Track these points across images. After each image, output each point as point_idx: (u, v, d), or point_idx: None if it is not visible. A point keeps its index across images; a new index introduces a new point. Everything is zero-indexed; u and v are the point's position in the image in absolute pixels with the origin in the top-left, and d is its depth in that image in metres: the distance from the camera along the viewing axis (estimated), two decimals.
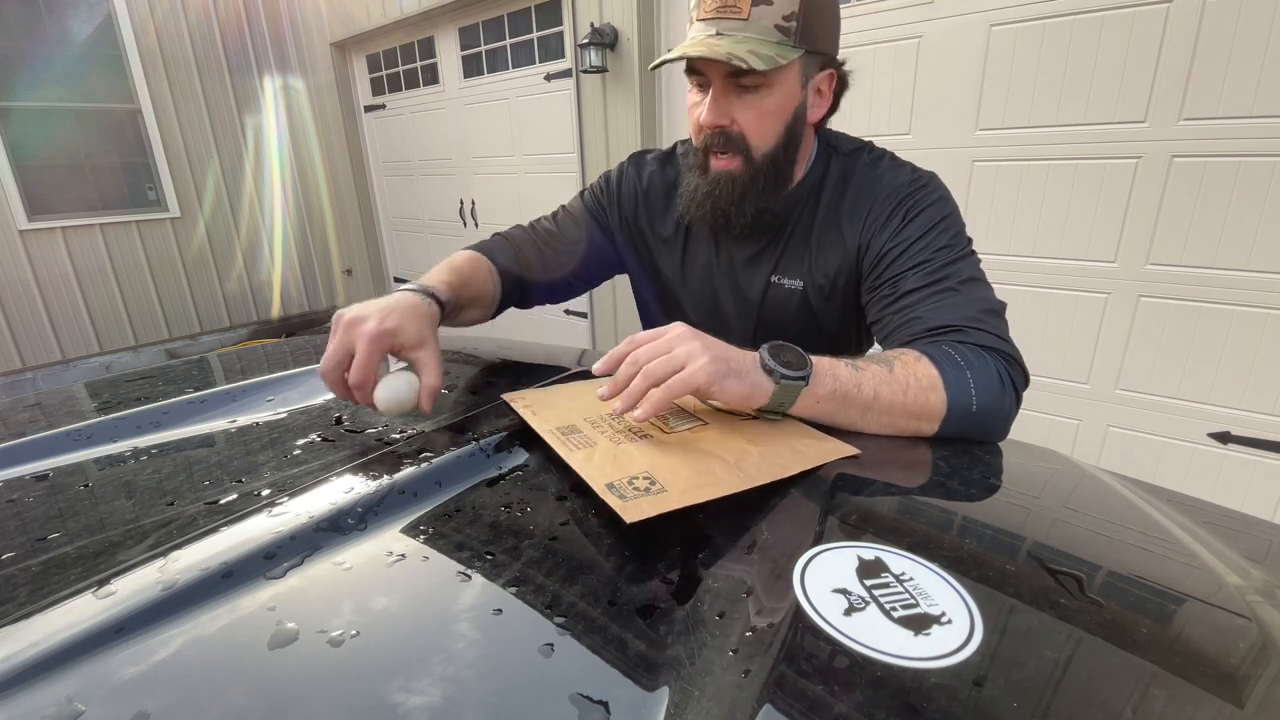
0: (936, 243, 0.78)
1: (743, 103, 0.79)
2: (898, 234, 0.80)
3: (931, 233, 0.79)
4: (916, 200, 0.81)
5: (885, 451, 0.63)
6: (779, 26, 0.74)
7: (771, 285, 0.92)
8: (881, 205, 0.82)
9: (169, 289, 4.75)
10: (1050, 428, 2.21)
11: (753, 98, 0.78)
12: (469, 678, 0.33)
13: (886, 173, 0.85)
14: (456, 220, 4.39)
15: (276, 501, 0.49)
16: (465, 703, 0.32)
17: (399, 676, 0.33)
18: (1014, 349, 0.72)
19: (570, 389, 0.73)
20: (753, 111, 0.79)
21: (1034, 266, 2.11)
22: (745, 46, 0.73)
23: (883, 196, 0.83)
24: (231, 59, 4.78)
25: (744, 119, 0.79)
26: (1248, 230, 1.75)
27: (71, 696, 0.32)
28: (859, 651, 0.34)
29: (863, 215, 0.84)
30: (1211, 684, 0.34)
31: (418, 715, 0.31)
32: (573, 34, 3.15)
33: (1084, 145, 1.94)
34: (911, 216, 0.80)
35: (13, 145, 3.95)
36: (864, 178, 0.86)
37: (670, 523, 0.47)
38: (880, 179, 0.84)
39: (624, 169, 1.03)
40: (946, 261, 0.77)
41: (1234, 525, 0.57)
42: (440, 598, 0.40)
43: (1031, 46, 1.97)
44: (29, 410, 0.81)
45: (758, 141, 0.81)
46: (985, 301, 0.75)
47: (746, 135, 0.80)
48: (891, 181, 0.83)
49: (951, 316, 0.72)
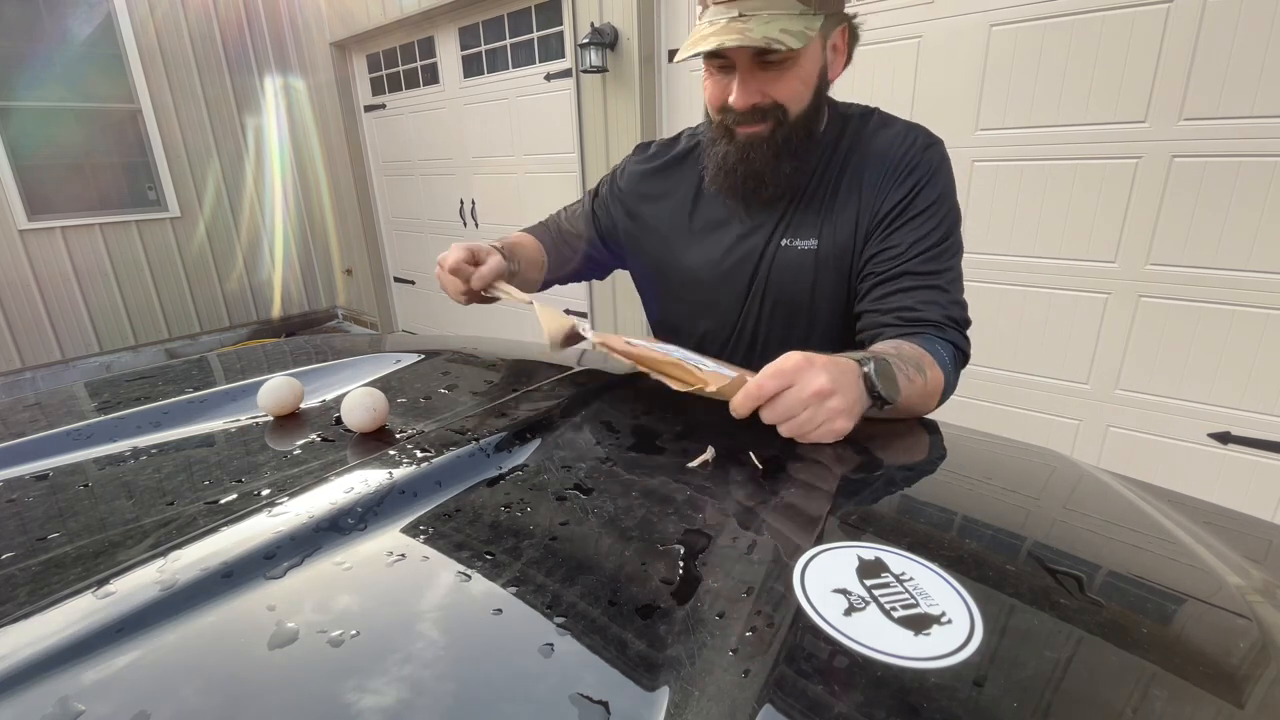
0: (936, 217, 0.84)
1: (769, 77, 0.80)
2: (910, 199, 0.84)
3: (936, 205, 0.84)
4: (929, 167, 0.85)
5: (885, 451, 0.63)
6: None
7: (781, 249, 0.92)
8: (898, 165, 0.85)
9: (169, 289, 4.75)
10: (1050, 428, 2.21)
11: (778, 71, 0.79)
12: (469, 678, 0.33)
13: (901, 133, 0.87)
14: (456, 220, 4.39)
15: (276, 501, 0.49)
16: (465, 703, 0.32)
17: (399, 677, 0.33)
18: (969, 346, 0.85)
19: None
20: (781, 83, 0.80)
21: (1034, 266, 2.11)
22: (776, 26, 0.72)
23: (899, 156, 0.85)
24: (231, 59, 4.78)
25: (774, 90, 0.81)
26: (1248, 230, 1.75)
27: (71, 696, 0.32)
28: (859, 651, 0.34)
29: (879, 173, 0.86)
30: (1211, 684, 0.34)
31: (418, 715, 0.31)
32: (573, 34, 3.15)
33: (1084, 145, 1.94)
34: (923, 184, 0.84)
35: (13, 145, 3.95)
36: (878, 137, 0.88)
37: (670, 523, 0.47)
38: (895, 139, 0.87)
39: (626, 161, 1.08)
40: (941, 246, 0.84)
41: (1234, 525, 0.57)
42: (440, 598, 0.40)
43: (1031, 46, 1.96)
44: (29, 410, 0.81)
45: (792, 106, 0.82)
46: (959, 306, 0.85)
47: (781, 102, 0.82)
48: (906, 141, 0.86)
49: (934, 313, 0.81)
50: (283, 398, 0.72)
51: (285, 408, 0.72)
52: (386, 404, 0.66)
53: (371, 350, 1.02)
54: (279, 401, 0.71)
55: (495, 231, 4.16)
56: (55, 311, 4.27)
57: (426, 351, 0.98)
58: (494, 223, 4.17)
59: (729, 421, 0.61)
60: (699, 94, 0.93)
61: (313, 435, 0.66)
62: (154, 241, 4.62)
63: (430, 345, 1.03)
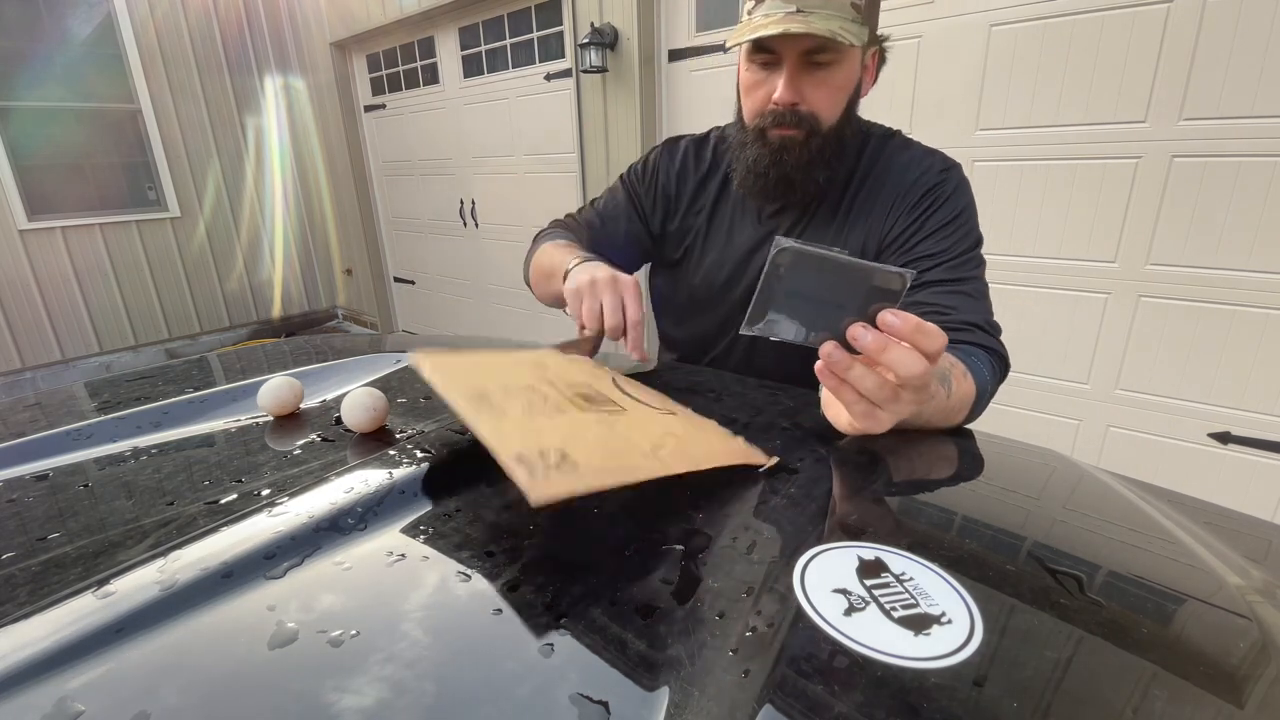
0: (954, 236, 0.83)
1: (814, 79, 0.80)
2: (922, 222, 0.84)
3: (952, 225, 0.83)
4: (942, 192, 0.84)
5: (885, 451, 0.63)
6: (854, 4, 0.76)
7: None
8: (910, 191, 0.85)
9: (169, 289, 4.75)
10: (1050, 428, 2.21)
11: (824, 74, 0.80)
12: (469, 678, 0.33)
13: (917, 158, 0.88)
14: (456, 220, 4.39)
15: (276, 501, 0.49)
16: (466, 703, 0.32)
17: (399, 677, 0.33)
18: (1005, 350, 0.82)
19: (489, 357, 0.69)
20: (824, 88, 0.81)
21: (1034, 266, 2.11)
22: (835, 23, 0.74)
23: (911, 181, 0.86)
24: (231, 58, 4.78)
25: (814, 96, 0.81)
26: (1248, 230, 1.75)
27: (71, 696, 0.32)
28: (859, 651, 0.34)
29: (891, 198, 0.87)
30: (1211, 684, 0.34)
31: (417, 715, 0.31)
32: (573, 34, 3.15)
33: (1084, 145, 1.94)
34: (936, 206, 0.84)
35: (13, 145, 3.95)
36: (895, 160, 0.89)
37: (670, 523, 0.47)
38: (910, 164, 0.87)
39: (659, 154, 1.05)
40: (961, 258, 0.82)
41: (1234, 525, 0.57)
42: (440, 598, 0.40)
43: (1031, 46, 1.96)
44: (29, 410, 0.81)
45: (827, 116, 0.83)
46: (988, 311, 0.83)
47: (816, 112, 0.82)
48: (920, 166, 0.87)
49: (971, 314, 0.79)
50: (283, 398, 0.72)
51: (285, 408, 0.72)
52: (386, 404, 0.66)
53: (371, 350, 1.02)
54: (279, 401, 0.72)
55: (495, 231, 4.16)
56: (55, 311, 4.27)
57: None
58: (494, 222, 4.16)
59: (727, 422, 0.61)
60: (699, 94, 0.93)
61: (313, 435, 0.66)
62: (154, 241, 4.62)
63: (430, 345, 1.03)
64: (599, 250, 1.02)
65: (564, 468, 0.43)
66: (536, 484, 0.40)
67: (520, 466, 0.42)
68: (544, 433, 0.48)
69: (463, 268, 4.54)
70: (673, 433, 0.54)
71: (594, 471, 0.43)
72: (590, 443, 0.48)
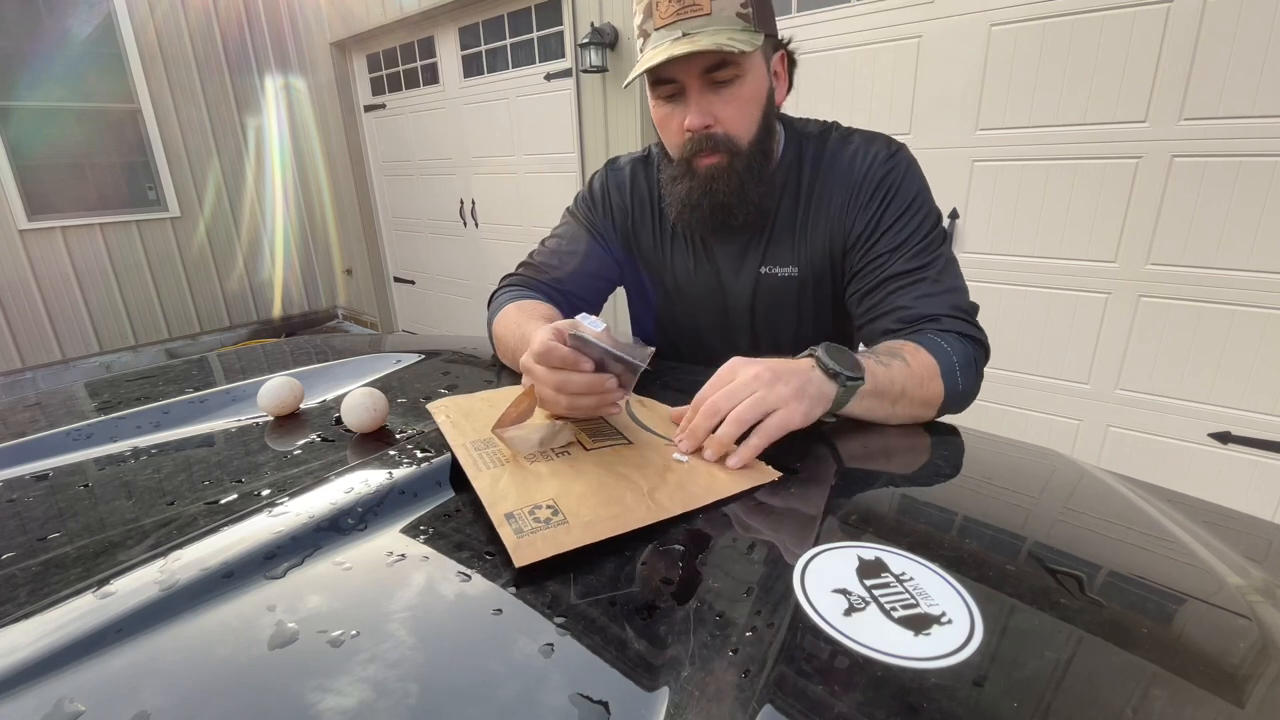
0: (913, 223, 0.82)
1: (721, 98, 0.79)
2: (879, 215, 0.83)
3: (908, 213, 0.82)
4: (893, 180, 0.83)
5: (885, 451, 0.63)
6: (739, 14, 0.75)
7: (762, 277, 0.93)
8: (861, 185, 0.84)
9: (169, 289, 4.75)
10: (1050, 428, 2.21)
11: (730, 91, 0.78)
12: (469, 678, 0.33)
13: (860, 149, 0.86)
14: (456, 220, 4.39)
15: (276, 501, 0.49)
16: (466, 702, 0.32)
17: (399, 676, 0.33)
18: (982, 334, 0.79)
19: (498, 395, 0.72)
20: (732, 104, 0.79)
21: (1034, 266, 2.11)
22: (723, 36, 0.73)
23: (861, 175, 0.84)
24: (231, 58, 4.78)
25: (725, 114, 0.80)
26: (1248, 230, 1.75)
27: (72, 696, 0.32)
28: (859, 651, 0.34)
29: (845, 195, 0.86)
30: (1211, 684, 0.34)
31: (417, 715, 0.31)
32: (573, 34, 3.15)
33: (1084, 145, 1.94)
34: (890, 197, 0.83)
35: (13, 145, 3.95)
36: (839, 157, 0.87)
37: (670, 523, 0.47)
38: (855, 156, 0.86)
39: (603, 181, 1.01)
40: (923, 243, 0.81)
41: (1234, 525, 0.57)
42: (440, 598, 0.40)
43: (1031, 46, 1.96)
44: (29, 410, 0.81)
45: (742, 133, 0.81)
46: (957, 293, 0.80)
47: (730, 132, 0.81)
48: (866, 158, 0.85)
49: (931, 307, 0.78)
50: (283, 398, 0.72)
51: (285, 408, 0.72)
52: (386, 404, 0.66)
53: (371, 350, 1.02)
54: (279, 401, 0.72)
55: (495, 231, 4.16)
56: (55, 311, 4.27)
57: (426, 351, 0.98)
58: (494, 222, 4.16)
59: None
60: None
61: (313, 435, 0.66)
62: (154, 241, 4.62)
63: (430, 345, 1.03)
64: (562, 289, 0.98)
65: (553, 524, 0.45)
66: (521, 547, 0.43)
67: (508, 526, 0.44)
68: (541, 483, 0.51)
69: (463, 267, 4.54)
70: (673, 468, 0.55)
71: (582, 527, 0.45)
72: (584, 491, 0.50)
